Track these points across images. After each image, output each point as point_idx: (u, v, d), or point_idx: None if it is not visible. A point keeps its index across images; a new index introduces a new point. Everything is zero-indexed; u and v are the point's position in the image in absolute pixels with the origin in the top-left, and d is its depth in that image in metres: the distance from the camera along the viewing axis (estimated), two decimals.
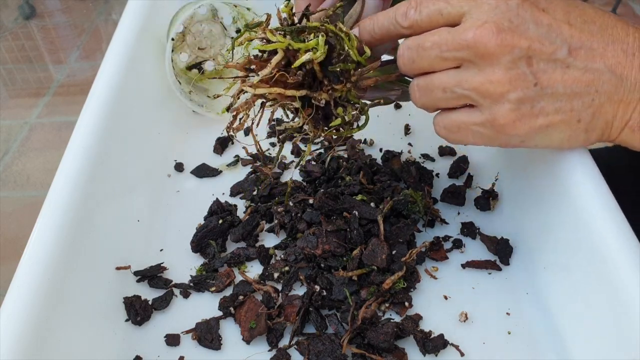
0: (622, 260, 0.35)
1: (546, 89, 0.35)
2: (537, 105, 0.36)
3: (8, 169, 1.47)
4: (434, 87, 0.38)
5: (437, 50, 0.36)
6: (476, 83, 0.35)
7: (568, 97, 0.36)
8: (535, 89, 0.35)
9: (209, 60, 0.67)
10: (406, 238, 0.46)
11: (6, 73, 1.83)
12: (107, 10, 2.11)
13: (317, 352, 0.40)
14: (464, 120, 0.38)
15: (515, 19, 0.35)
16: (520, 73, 0.35)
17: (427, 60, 0.37)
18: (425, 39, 0.37)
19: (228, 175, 0.56)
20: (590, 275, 0.37)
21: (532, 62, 0.35)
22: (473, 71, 0.36)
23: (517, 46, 0.34)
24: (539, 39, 0.35)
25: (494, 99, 0.36)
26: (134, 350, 0.42)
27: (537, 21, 0.35)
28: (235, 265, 0.47)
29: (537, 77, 0.35)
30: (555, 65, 0.35)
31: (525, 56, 0.35)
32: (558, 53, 0.35)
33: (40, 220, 0.40)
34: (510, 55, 0.34)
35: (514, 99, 0.35)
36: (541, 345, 0.41)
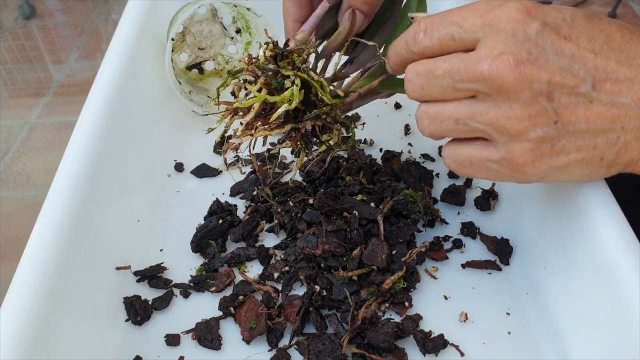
0: (622, 260, 0.35)
1: (568, 126, 0.32)
2: (558, 144, 0.33)
3: (8, 169, 1.47)
4: (444, 117, 0.35)
5: (449, 79, 0.33)
6: (492, 118, 0.33)
7: (591, 135, 0.33)
8: (556, 126, 0.32)
9: (209, 60, 0.67)
10: (406, 238, 0.46)
11: (6, 73, 1.83)
12: (107, 10, 2.11)
13: (317, 352, 0.40)
14: (478, 155, 0.35)
15: (535, 50, 0.31)
16: (541, 109, 0.32)
17: (439, 90, 0.34)
18: (437, 66, 0.34)
19: (228, 175, 0.56)
20: (590, 275, 0.37)
21: (553, 96, 0.32)
22: (489, 104, 0.33)
23: (536, 80, 0.31)
24: (560, 72, 0.31)
25: (511, 137, 0.33)
26: (134, 350, 0.42)
27: (558, 51, 0.32)
28: (235, 265, 0.47)
29: (559, 113, 0.32)
30: (577, 99, 0.32)
31: (546, 91, 0.32)
32: (581, 87, 0.32)
33: (40, 220, 0.40)
34: (529, 90, 0.31)
35: (534, 138, 0.32)
36: (541, 345, 0.41)
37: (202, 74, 0.67)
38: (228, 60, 0.67)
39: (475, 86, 0.33)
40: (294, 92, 0.39)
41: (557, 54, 0.32)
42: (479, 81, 0.32)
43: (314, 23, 0.43)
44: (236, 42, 0.66)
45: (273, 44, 0.41)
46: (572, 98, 0.32)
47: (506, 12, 0.32)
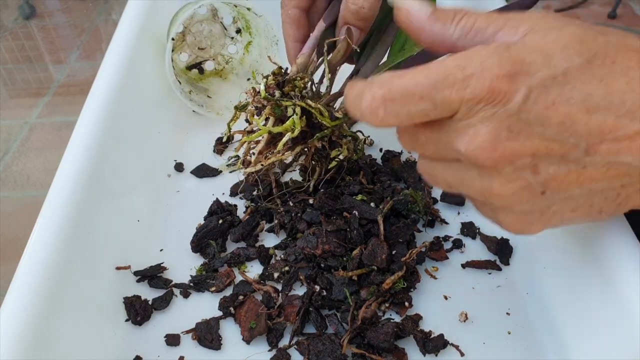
0: (622, 260, 0.35)
1: (558, 194, 0.29)
2: (548, 211, 0.30)
3: (8, 169, 1.47)
4: (438, 180, 0.33)
5: (433, 146, 0.31)
6: (477, 189, 0.30)
7: (586, 197, 0.30)
8: (544, 197, 0.29)
9: (209, 60, 0.67)
10: (406, 238, 0.46)
11: (6, 73, 1.83)
12: (107, 10, 2.11)
13: (317, 352, 0.40)
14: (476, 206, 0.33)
15: (516, 125, 0.27)
16: (525, 185, 0.29)
17: (427, 152, 0.32)
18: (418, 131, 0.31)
19: (228, 175, 0.56)
20: (590, 275, 0.37)
21: (539, 169, 0.28)
22: (473, 173, 0.30)
23: (518, 156, 0.28)
24: (546, 143, 0.28)
25: (497, 208, 0.31)
26: (134, 350, 0.42)
27: (544, 121, 0.27)
28: (235, 265, 0.47)
29: (546, 185, 0.29)
30: (568, 167, 0.28)
31: (531, 165, 0.28)
32: (572, 154, 0.28)
33: (40, 220, 0.40)
34: (511, 166, 0.28)
35: (519, 211, 0.30)
36: (541, 345, 0.41)
37: (202, 74, 0.67)
38: (228, 60, 0.67)
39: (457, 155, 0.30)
40: (295, 121, 0.42)
41: (543, 124, 0.27)
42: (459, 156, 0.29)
43: (313, 45, 0.45)
44: (236, 42, 0.66)
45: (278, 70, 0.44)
46: (562, 167, 0.28)
47: (482, 82, 0.27)
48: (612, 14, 1.87)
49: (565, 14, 1.91)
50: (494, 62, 0.27)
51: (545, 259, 0.44)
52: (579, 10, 1.92)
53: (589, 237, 0.37)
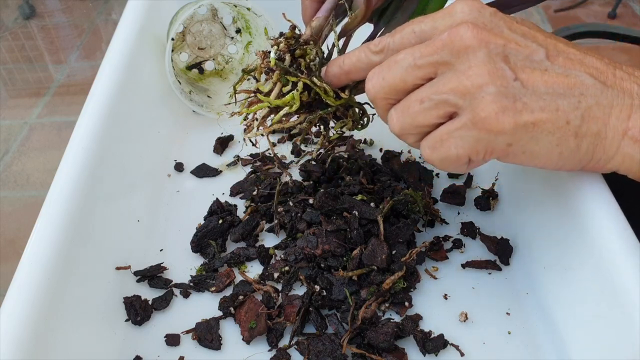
0: (622, 260, 0.35)
1: (527, 86, 0.33)
2: (520, 101, 0.33)
3: (8, 169, 1.47)
4: (410, 102, 0.36)
5: (410, 58, 0.35)
6: (453, 83, 0.34)
7: (551, 96, 0.33)
8: (516, 83, 0.33)
9: (209, 60, 0.67)
10: (406, 238, 0.46)
11: (6, 73, 1.83)
12: (107, 10, 2.11)
13: (317, 352, 0.40)
14: (446, 130, 0.35)
15: (490, 24, 0.34)
16: (498, 68, 0.33)
17: (399, 72, 0.35)
18: (397, 54, 0.36)
19: (228, 175, 0.56)
20: (590, 275, 0.37)
21: (509, 59, 0.34)
22: (449, 74, 0.34)
23: (492, 42, 0.33)
24: (514, 39, 0.34)
25: (472, 95, 0.33)
26: (134, 350, 0.42)
27: (511, 27, 0.35)
28: (235, 265, 0.47)
29: (516, 73, 0.33)
30: (532, 65, 0.34)
31: (502, 53, 0.33)
32: (535, 55, 0.34)
33: (40, 220, 0.40)
34: (486, 48, 0.33)
35: (494, 92, 0.33)
36: (541, 345, 0.41)
37: (202, 74, 0.67)
38: (228, 60, 0.67)
39: (435, 58, 0.34)
40: (295, 96, 0.41)
41: (510, 29, 0.34)
42: (438, 50, 0.34)
43: (330, 8, 0.43)
44: (236, 42, 0.66)
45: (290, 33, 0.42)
46: (528, 63, 0.34)
47: (462, 2, 0.35)
48: (612, 14, 1.87)
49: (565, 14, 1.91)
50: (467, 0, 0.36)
51: (545, 259, 0.44)
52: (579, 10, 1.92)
53: (589, 237, 0.37)
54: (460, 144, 0.34)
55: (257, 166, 0.56)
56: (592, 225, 0.37)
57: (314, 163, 0.54)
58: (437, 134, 0.35)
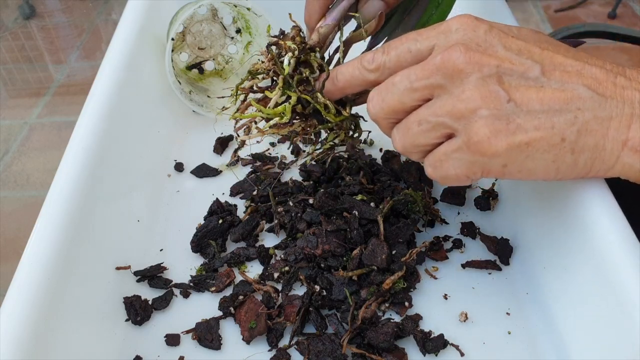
0: (622, 260, 0.35)
1: (521, 106, 0.33)
2: (513, 122, 0.33)
3: (8, 169, 1.47)
4: (410, 123, 0.36)
5: (406, 81, 0.35)
6: (448, 107, 0.34)
7: (547, 114, 0.33)
8: (509, 105, 0.33)
9: (209, 60, 0.67)
10: (406, 238, 0.46)
11: (6, 73, 1.83)
12: (107, 10, 2.11)
13: (317, 352, 0.40)
14: (443, 151, 0.36)
15: (483, 43, 0.34)
16: (492, 90, 0.33)
17: (397, 95, 0.36)
18: (394, 76, 0.36)
19: (228, 175, 0.56)
20: (591, 275, 0.37)
21: (503, 80, 0.33)
22: (444, 97, 0.34)
23: (486, 64, 0.33)
24: (509, 58, 0.33)
25: (467, 119, 0.34)
26: (134, 350, 0.42)
27: (505, 45, 0.34)
28: (235, 265, 0.47)
29: (510, 94, 0.33)
30: (528, 83, 0.33)
31: (496, 74, 0.33)
32: (530, 73, 0.33)
33: (40, 220, 0.40)
34: (479, 72, 0.33)
35: (487, 115, 0.33)
36: (541, 345, 0.41)
37: (202, 74, 0.67)
38: (228, 60, 0.67)
39: (430, 81, 0.34)
40: (287, 109, 0.42)
41: (505, 47, 0.34)
42: (433, 74, 0.34)
43: (339, 17, 0.43)
44: (236, 42, 0.66)
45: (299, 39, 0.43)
46: (522, 81, 0.33)
47: (457, 19, 0.35)
48: (612, 14, 1.87)
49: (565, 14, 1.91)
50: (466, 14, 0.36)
51: (545, 259, 0.44)
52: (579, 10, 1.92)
53: (589, 237, 0.37)
54: (457, 165, 0.35)
55: (257, 166, 0.56)
56: (592, 225, 0.37)
57: (314, 163, 0.54)
58: (436, 155, 0.36)
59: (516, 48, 0.34)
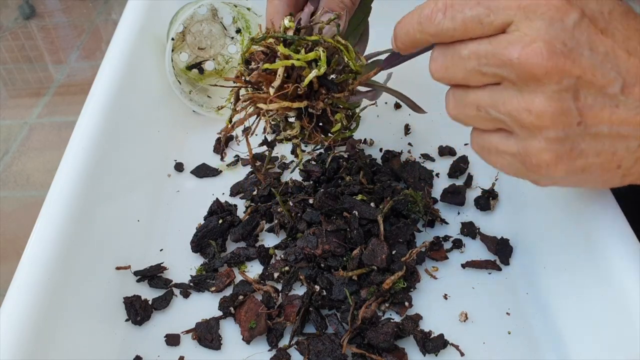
0: (622, 260, 0.35)
1: (590, 129, 0.30)
2: (577, 148, 0.30)
3: (8, 169, 1.47)
4: (468, 102, 0.33)
5: (475, 62, 0.31)
6: (513, 107, 0.30)
7: (612, 140, 0.31)
8: (579, 128, 0.30)
9: (209, 60, 0.67)
10: (406, 238, 0.46)
11: (6, 73, 1.83)
12: (107, 10, 2.11)
13: (317, 352, 0.40)
14: (498, 146, 0.33)
15: (570, 42, 0.29)
16: (565, 108, 0.29)
17: (463, 72, 0.32)
18: (463, 46, 0.31)
19: (228, 175, 0.56)
20: (590, 275, 0.37)
21: (580, 95, 0.30)
22: (512, 92, 0.30)
23: (567, 74, 0.29)
24: (592, 69, 0.29)
25: (530, 132, 0.30)
26: (134, 350, 0.42)
27: (593, 46, 0.29)
28: (235, 265, 0.47)
29: (582, 114, 0.30)
30: (604, 101, 0.30)
31: (574, 88, 0.29)
32: (609, 88, 0.30)
33: (40, 220, 0.40)
34: (557, 84, 0.29)
35: (553, 138, 0.30)
36: (541, 345, 0.41)
37: (202, 74, 0.67)
38: (228, 60, 0.67)
39: (502, 72, 0.30)
40: (321, 55, 0.38)
41: (592, 49, 0.29)
42: (506, 67, 0.30)
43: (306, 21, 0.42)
44: (236, 42, 0.66)
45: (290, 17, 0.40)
46: (599, 99, 0.30)
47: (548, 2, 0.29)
48: None
49: None
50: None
51: (545, 259, 0.44)
52: None
53: (589, 237, 0.37)
54: (508, 167, 0.33)
55: (257, 166, 0.56)
56: (592, 226, 0.37)
57: (314, 163, 0.54)
58: (487, 143, 0.33)
59: (603, 51, 0.30)
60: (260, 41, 0.39)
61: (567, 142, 0.30)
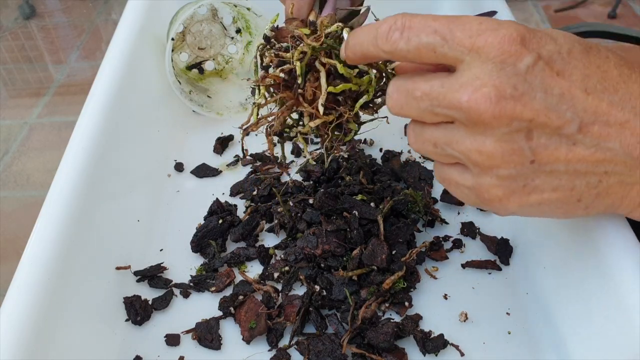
0: (622, 260, 0.35)
1: (545, 167, 0.30)
2: (531, 183, 0.31)
3: (8, 169, 1.47)
4: (425, 138, 0.33)
5: (427, 102, 0.31)
6: (465, 147, 0.31)
7: (570, 176, 0.30)
8: (532, 166, 0.30)
9: (209, 60, 0.67)
10: (406, 238, 0.46)
11: (6, 73, 1.83)
12: (107, 10, 2.11)
13: (317, 352, 0.40)
14: (455, 178, 0.33)
15: (522, 86, 0.29)
16: (516, 148, 0.29)
17: (417, 111, 0.32)
18: (415, 87, 0.31)
19: (228, 175, 0.56)
20: (591, 275, 0.37)
21: (533, 136, 0.29)
22: (464, 133, 0.31)
23: (517, 118, 0.29)
24: (545, 111, 0.29)
25: (482, 169, 0.31)
26: (134, 350, 0.42)
27: (547, 89, 0.29)
28: (235, 265, 0.47)
29: (536, 153, 0.30)
30: (560, 140, 0.29)
31: (526, 129, 0.29)
32: (566, 128, 0.29)
33: (40, 220, 0.40)
34: (507, 127, 0.29)
35: (504, 176, 0.30)
36: (541, 345, 0.41)
37: (202, 74, 0.67)
38: (228, 60, 0.67)
39: (452, 113, 0.30)
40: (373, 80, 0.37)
41: (546, 91, 0.29)
42: (456, 109, 0.30)
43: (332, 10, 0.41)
44: (236, 42, 0.66)
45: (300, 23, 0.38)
46: (554, 139, 0.30)
47: (499, 39, 0.29)
48: (612, 14, 1.87)
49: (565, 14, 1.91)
50: (510, 25, 0.29)
51: (545, 259, 0.44)
52: (579, 10, 1.92)
53: (589, 237, 0.37)
54: (464, 197, 0.34)
55: (257, 166, 0.56)
56: (592, 225, 0.37)
57: (314, 163, 0.54)
58: (446, 175, 0.34)
59: (558, 92, 0.29)
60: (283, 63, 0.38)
61: (519, 179, 0.30)
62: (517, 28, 0.29)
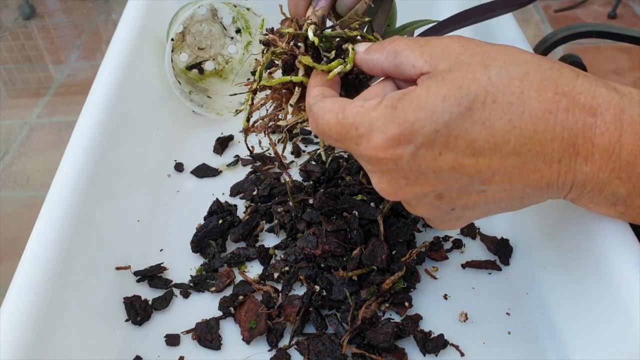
0: (622, 260, 0.35)
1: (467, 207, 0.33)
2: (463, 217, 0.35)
3: (8, 169, 1.47)
4: None
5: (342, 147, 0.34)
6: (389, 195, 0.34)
7: (494, 205, 0.33)
8: (454, 211, 0.34)
9: (208, 60, 0.67)
10: (406, 238, 0.46)
11: (6, 73, 1.83)
12: (107, 10, 2.11)
13: (317, 352, 0.40)
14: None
15: (411, 175, 0.31)
16: (434, 207, 0.33)
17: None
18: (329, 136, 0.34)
19: (228, 175, 0.56)
20: (590, 275, 0.37)
21: (443, 195, 0.33)
22: None
23: (421, 194, 0.32)
24: (442, 182, 0.32)
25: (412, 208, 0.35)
26: (134, 350, 0.42)
27: (435, 169, 0.31)
28: (235, 265, 0.47)
29: (453, 204, 0.33)
30: (468, 191, 0.32)
31: (434, 195, 0.33)
32: (469, 187, 0.32)
33: (40, 220, 0.40)
34: (416, 200, 0.33)
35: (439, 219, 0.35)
36: (541, 345, 0.41)
37: (202, 74, 0.67)
38: (228, 60, 0.67)
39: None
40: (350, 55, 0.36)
41: (435, 172, 0.31)
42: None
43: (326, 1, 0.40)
44: (236, 42, 0.66)
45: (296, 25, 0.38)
46: (464, 192, 0.32)
47: (373, 149, 0.31)
48: (612, 14, 1.87)
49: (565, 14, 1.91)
50: (380, 126, 0.30)
51: (545, 259, 0.44)
52: (579, 10, 1.92)
53: (589, 237, 0.37)
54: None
55: (257, 166, 0.56)
56: (592, 225, 0.37)
57: (314, 163, 0.54)
58: None
59: (447, 167, 0.31)
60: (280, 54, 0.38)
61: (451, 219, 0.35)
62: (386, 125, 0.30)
